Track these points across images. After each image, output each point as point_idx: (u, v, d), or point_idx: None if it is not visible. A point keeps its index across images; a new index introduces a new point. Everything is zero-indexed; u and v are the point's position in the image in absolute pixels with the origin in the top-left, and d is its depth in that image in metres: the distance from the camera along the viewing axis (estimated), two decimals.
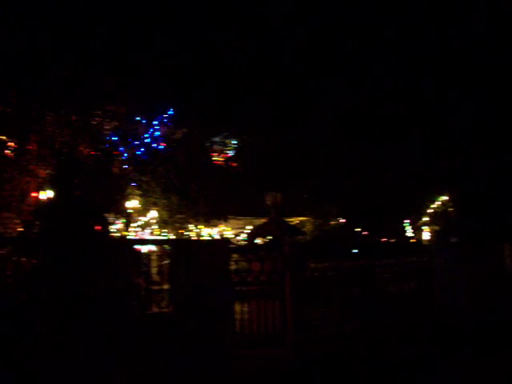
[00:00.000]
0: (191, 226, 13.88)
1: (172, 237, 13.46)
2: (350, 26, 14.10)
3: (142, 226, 12.63)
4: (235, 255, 10.16)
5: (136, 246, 9.35)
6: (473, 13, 14.34)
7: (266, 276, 10.62)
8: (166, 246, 9.28)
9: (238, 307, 10.01)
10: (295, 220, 18.76)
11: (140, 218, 12.38)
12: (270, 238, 15.12)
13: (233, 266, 10.20)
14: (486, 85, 14.79)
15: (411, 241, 22.08)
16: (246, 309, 10.15)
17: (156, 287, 9.10)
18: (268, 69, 13.77)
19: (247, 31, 13.62)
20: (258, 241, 16.84)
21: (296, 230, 16.67)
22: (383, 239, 20.69)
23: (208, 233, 14.62)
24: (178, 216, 13.20)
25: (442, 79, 15.05)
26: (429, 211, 20.98)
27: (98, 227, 8.43)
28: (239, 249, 10.79)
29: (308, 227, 19.44)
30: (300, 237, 16.16)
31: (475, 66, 14.69)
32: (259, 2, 13.60)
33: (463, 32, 14.34)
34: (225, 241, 11.63)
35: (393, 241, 21.14)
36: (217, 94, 13.19)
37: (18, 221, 11.86)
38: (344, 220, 20.79)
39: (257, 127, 14.04)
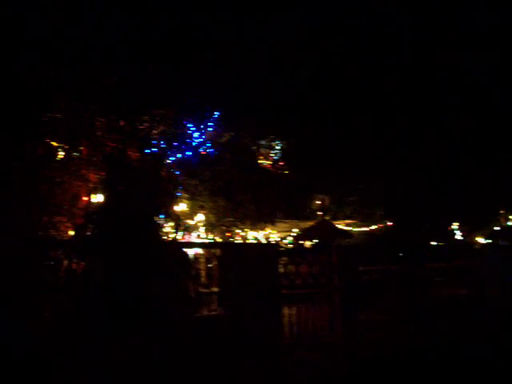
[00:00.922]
0: (237, 229, 13.90)
1: (218, 240, 13.51)
2: None
3: (190, 229, 12.72)
4: (283, 258, 10.13)
5: (185, 249, 9.44)
6: None
7: (314, 279, 10.57)
8: (214, 250, 9.34)
9: (286, 310, 9.98)
10: (342, 223, 18.59)
11: (187, 221, 12.47)
12: (317, 240, 15.04)
13: (281, 269, 10.18)
14: None
15: (461, 244, 21.61)
16: (294, 312, 10.12)
17: (205, 290, 9.16)
18: (315, 70, 13.74)
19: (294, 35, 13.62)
20: (304, 243, 16.77)
21: (344, 232, 16.53)
22: (432, 242, 20.29)
23: (254, 236, 14.62)
24: (225, 219, 13.24)
25: None
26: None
27: (148, 230, 8.54)
28: (287, 252, 10.77)
29: (355, 230, 19.23)
30: (347, 240, 16.00)
31: None
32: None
33: None
34: (273, 244, 11.66)
35: (442, 244, 20.73)
36: (263, 96, 13.20)
37: (70, 224, 12.12)
38: (391, 223, 20.50)
39: (303, 129, 13.99)
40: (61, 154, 11.95)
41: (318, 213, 15.36)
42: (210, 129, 13.15)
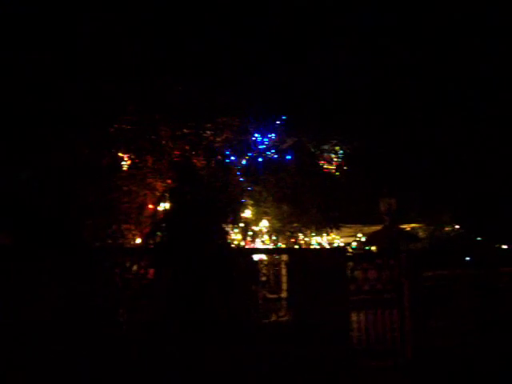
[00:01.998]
0: (301, 235, 13.83)
1: (283, 246, 13.48)
2: None
3: (254, 236, 12.75)
4: (350, 263, 10.02)
5: (253, 256, 9.48)
6: None
7: (382, 285, 10.40)
8: (282, 255, 9.34)
9: (354, 316, 9.86)
10: (407, 226, 18.26)
11: (252, 228, 12.52)
12: (383, 245, 14.79)
13: (348, 275, 10.05)
14: None
15: None
16: (362, 318, 9.97)
17: (274, 296, 9.17)
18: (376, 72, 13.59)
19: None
20: (370, 248, 16.52)
21: (411, 237, 16.24)
22: (504, 246, 19.59)
23: (317, 241, 14.51)
24: (289, 225, 13.20)
25: None
26: None
27: (216, 238, 8.61)
28: (355, 257, 10.65)
29: (421, 234, 18.86)
30: (414, 244, 15.70)
31: None
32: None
33: None
34: (341, 249, 11.54)
35: None
36: (326, 101, 13.14)
37: (137, 232, 12.38)
38: (459, 226, 19.96)
39: (367, 133, 13.84)
40: (126, 164, 12.22)
41: (384, 217, 15.12)
42: (274, 135, 13.17)
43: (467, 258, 14.46)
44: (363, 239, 17.04)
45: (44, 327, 7.92)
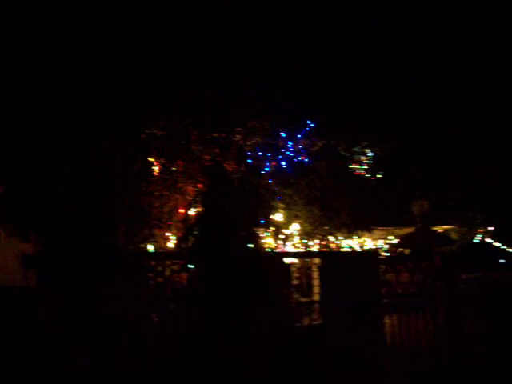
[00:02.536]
0: (332, 238, 13.78)
1: (314, 249, 13.45)
2: None
3: (285, 239, 12.76)
4: (383, 266, 9.96)
5: (285, 259, 9.49)
6: None
7: (415, 288, 10.30)
8: (314, 259, 9.32)
9: (387, 320, 9.79)
10: (440, 228, 18.07)
11: (283, 231, 12.52)
12: (415, 248, 14.66)
13: (381, 277, 9.98)
14: None
15: None
16: (395, 322, 9.90)
17: (306, 299, 9.16)
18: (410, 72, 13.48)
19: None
20: (402, 251, 16.39)
21: (445, 239, 16.07)
22: None
23: (348, 244, 14.45)
24: (320, 228, 13.17)
25: None
26: None
27: (248, 241, 8.64)
28: (387, 260, 10.59)
29: (453, 236, 18.64)
30: (448, 246, 15.53)
31: None
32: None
33: None
34: (373, 252, 11.47)
35: None
36: (356, 103, 13.09)
37: (168, 236, 12.49)
38: (492, 228, 19.66)
39: (398, 134, 13.73)
40: (156, 169, 12.33)
41: (417, 219, 15.02)
42: (303, 138, 13.17)
43: (501, 261, 14.26)
44: (395, 241, 16.93)
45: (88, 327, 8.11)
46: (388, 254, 14.06)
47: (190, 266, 8.62)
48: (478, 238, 19.56)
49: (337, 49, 13.01)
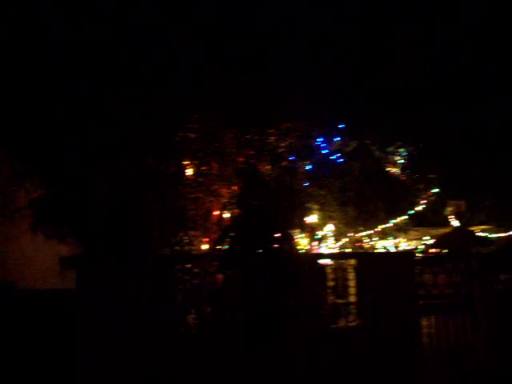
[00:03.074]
0: (367, 239, 13.67)
1: (348, 250, 13.36)
2: None
3: (320, 240, 12.70)
4: (419, 267, 9.87)
5: (320, 260, 9.49)
6: None
7: (452, 289, 10.17)
8: (350, 260, 9.31)
9: (423, 321, 9.70)
10: (476, 229, 17.74)
11: (317, 232, 12.47)
12: (451, 249, 14.42)
13: (417, 279, 9.89)
14: None
15: None
16: (432, 323, 9.80)
17: (342, 301, 9.15)
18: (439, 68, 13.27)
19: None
20: (438, 251, 16.14)
21: (482, 239, 15.76)
22: None
23: (383, 245, 14.31)
24: (355, 229, 13.08)
25: None
26: None
27: (284, 243, 8.67)
28: (423, 261, 10.48)
29: (491, 236, 18.25)
30: (486, 247, 15.22)
31: None
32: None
33: None
34: (409, 253, 11.37)
35: None
36: (388, 103, 12.95)
37: (203, 239, 12.58)
38: None
39: (433, 133, 13.53)
40: (189, 171, 12.42)
41: (452, 219, 14.77)
42: (337, 138, 13.09)
43: None
44: (430, 242, 16.67)
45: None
46: (424, 255, 13.87)
47: (226, 268, 8.69)
48: None
49: (369, 47, 12.90)
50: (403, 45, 13.00)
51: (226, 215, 12.13)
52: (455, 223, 14.37)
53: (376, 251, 13.51)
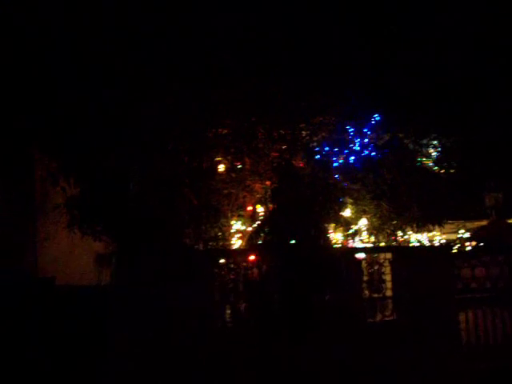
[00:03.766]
0: (401, 233, 13.52)
1: (382, 244, 13.25)
2: None
3: (353, 234, 12.62)
4: (457, 261, 9.74)
5: (355, 254, 9.44)
6: None
7: (491, 282, 10.01)
8: (386, 254, 9.23)
9: (461, 316, 9.57)
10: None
11: (351, 227, 12.40)
12: (489, 242, 14.20)
13: (455, 272, 9.76)
14: None
15: None
16: (470, 318, 9.66)
17: (378, 295, 9.08)
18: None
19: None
20: (475, 245, 15.90)
21: None
22: None
23: (417, 239, 14.14)
24: (389, 222, 12.93)
25: None
26: None
27: (319, 238, 8.66)
28: (461, 254, 10.36)
29: None
30: None
31: None
32: None
33: None
34: (446, 246, 11.24)
35: None
36: (423, 95, 12.78)
37: (237, 234, 12.63)
38: None
39: (469, 123, 13.31)
40: (222, 167, 12.47)
41: (490, 212, 14.58)
42: (370, 132, 12.98)
43: None
44: (466, 235, 16.45)
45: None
46: (460, 248, 13.69)
47: (261, 262, 8.71)
48: None
49: (400, 39, 12.75)
50: (437, 35, 12.82)
51: (260, 210, 12.16)
52: (492, 216, 14.20)
53: (410, 245, 13.37)
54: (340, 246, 11.06)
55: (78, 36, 9.74)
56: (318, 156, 11.82)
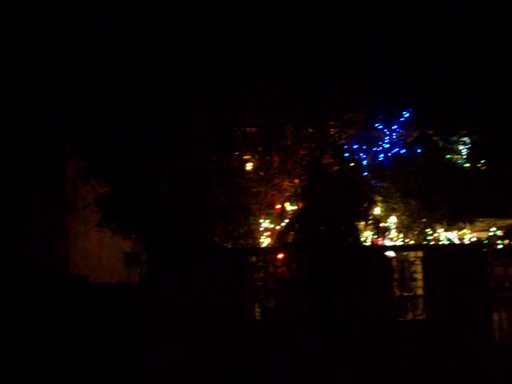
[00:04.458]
0: (431, 231, 13.38)
1: (411, 242, 13.15)
2: None
3: (383, 232, 12.55)
4: (489, 259, 9.59)
5: (385, 252, 9.36)
6: None
7: None
8: (417, 252, 9.13)
9: (495, 316, 9.42)
10: None
11: (381, 225, 12.33)
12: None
13: (487, 271, 9.60)
14: None
15: None
16: (504, 317, 9.50)
17: (410, 294, 8.99)
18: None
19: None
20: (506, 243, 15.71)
21: None
22: None
23: (447, 237, 13.98)
24: (419, 220, 12.83)
25: None
26: None
27: (349, 235, 8.61)
28: (493, 252, 10.21)
29: None
30: None
31: None
32: None
33: None
34: (478, 244, 11.10)
35: None
36: (453, 91, 12.64)
37: (265, 233, 12.66)
38: None
39: (499, 120, 13.11)
40: (250, 166, 12.49)
41: None
42: (399, 129, 12.89)
43: None
44: (498, 233, 16.25)
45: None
46: (492, 247, 13.52)
47: (291, 260, 8.70)
48: None
49: (430, 34, 12.62)
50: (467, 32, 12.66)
51: (289, 208, 12.17)
52: None
53: (441, 243, 13.24)
54: (370, 243, 11.01)
55: (119, 38, 9.82)
56: (346, 153, 11.79)
